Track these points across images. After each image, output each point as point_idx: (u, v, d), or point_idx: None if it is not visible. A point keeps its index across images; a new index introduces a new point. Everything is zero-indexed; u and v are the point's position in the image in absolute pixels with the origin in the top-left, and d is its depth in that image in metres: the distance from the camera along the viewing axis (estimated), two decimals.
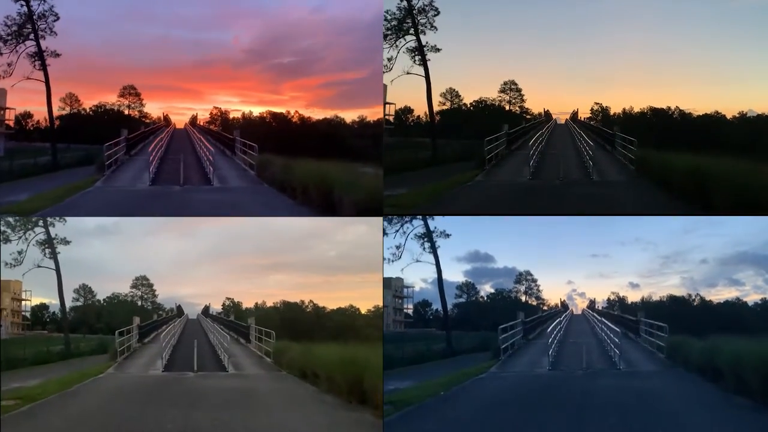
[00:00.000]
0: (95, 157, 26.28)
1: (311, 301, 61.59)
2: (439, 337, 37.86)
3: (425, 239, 36.65)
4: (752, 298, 56.85)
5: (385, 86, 24.81)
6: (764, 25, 45.91)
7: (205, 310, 61.08)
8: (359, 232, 65.02)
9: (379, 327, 48.23)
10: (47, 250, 36.98)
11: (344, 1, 48.15)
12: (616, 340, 20.03)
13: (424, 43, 37.34)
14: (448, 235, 37.19)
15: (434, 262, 36.66)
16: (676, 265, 78.36)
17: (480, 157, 24.61)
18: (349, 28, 48.17)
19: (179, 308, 63.35)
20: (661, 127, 41.76)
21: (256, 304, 62.59)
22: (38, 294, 52.73)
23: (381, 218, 23.24)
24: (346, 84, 49.39)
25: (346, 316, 57.98)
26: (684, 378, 16.01)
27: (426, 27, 37.42)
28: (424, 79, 37.22)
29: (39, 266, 37.06)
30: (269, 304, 61.99)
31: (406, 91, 39.32)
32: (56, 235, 37.41)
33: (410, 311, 55.52)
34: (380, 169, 20.64)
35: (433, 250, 36.37)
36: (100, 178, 22.91)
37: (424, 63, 37.27)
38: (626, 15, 49.88)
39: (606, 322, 27.13)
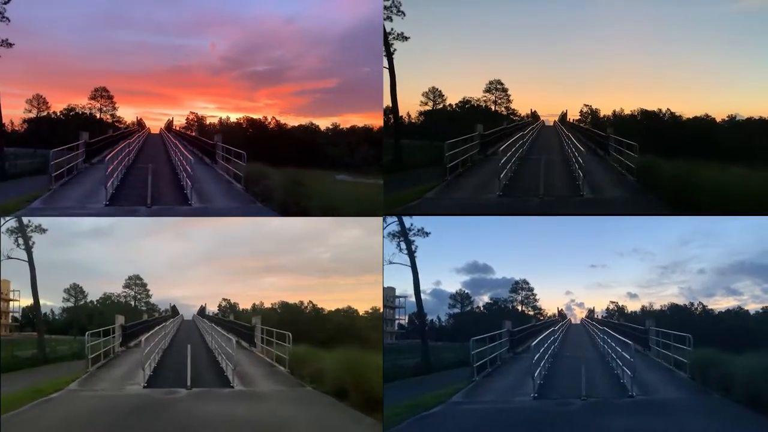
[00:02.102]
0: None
1: (310, 302, 61.38)
2: (432, 349, 34.27)
3: (400, 239, 31.41)
4: (751, 307, 56.77)
5: None
6: (753, 30, 45.60)
7: (201, 311, 60.58)
8: (353, 234, 65.08)
9: (378, 329, 47.25)
10: (19, 239, 33.58)
11: (316, 15, 49.44)
12: (627, 356, 15.26)
13: (389, 30, 33.18)
14: (427, 234, 32.53)
15: (410, 264, 31.27)
16: (674, 276, 79.03)
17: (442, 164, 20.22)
18: (321, 40, 49.21)
19: (173, 308, 62.90)
20: (652, 130, 40.74)
21: (254, 305, 62.33)
22: (29, 294, 51.85)
23: (380, 218, 21.03)
24: (318, 92, 50.44)
25: (345, 317, 57.39)
26: (729, 411, 11.86)
27: (392, 12, 33.39)
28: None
29: (9, 257, 33.43)
30: (267, 305, 61.75)
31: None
32: (29, 222, 33.76)
33: (404, 322, 54.78)
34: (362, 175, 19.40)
35: (409, 250, 31.25)
36: (44, 194, 18.01)
37: (388, 53, 32.98)
38: (616, 16, 49.38)
39: (609, 331, 23.82)
